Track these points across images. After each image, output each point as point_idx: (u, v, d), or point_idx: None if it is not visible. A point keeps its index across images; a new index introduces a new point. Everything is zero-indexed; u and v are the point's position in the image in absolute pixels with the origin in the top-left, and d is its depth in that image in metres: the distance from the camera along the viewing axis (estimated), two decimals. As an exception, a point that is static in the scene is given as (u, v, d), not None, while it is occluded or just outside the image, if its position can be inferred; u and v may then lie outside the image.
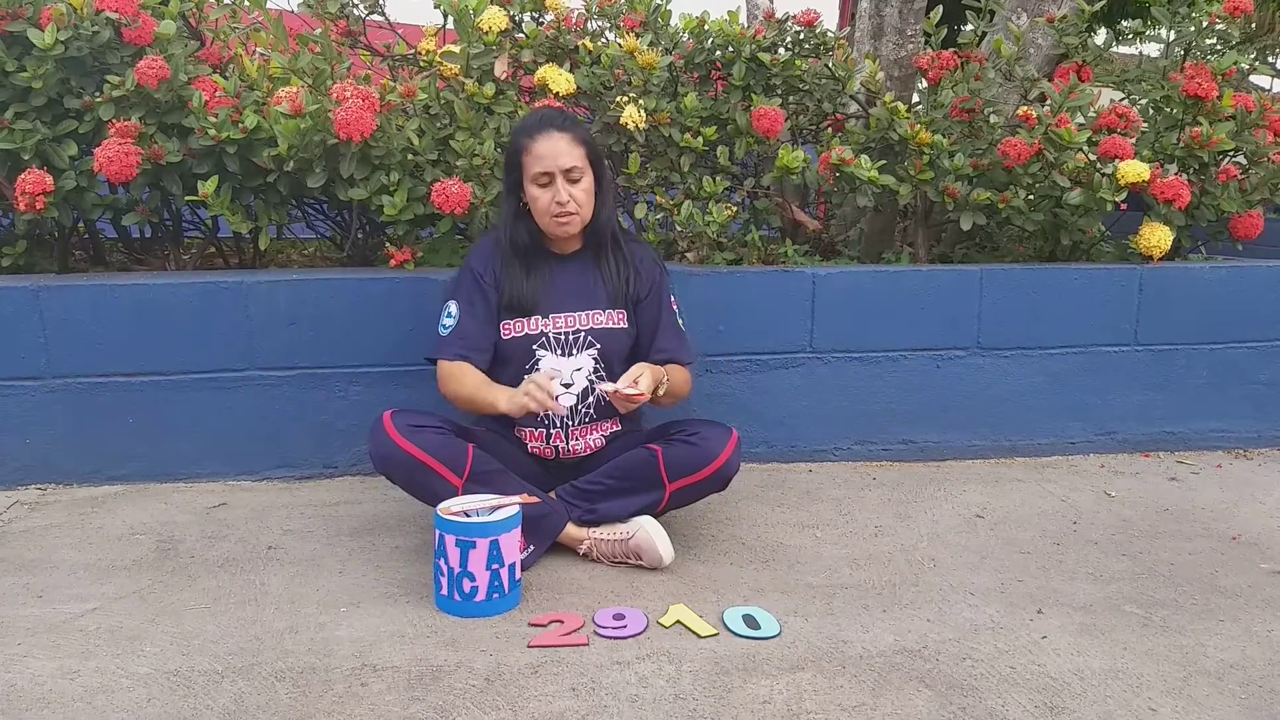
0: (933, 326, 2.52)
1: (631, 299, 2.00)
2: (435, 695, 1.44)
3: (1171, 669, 1.55)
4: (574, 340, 1.95)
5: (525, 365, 1.94)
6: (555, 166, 1.86)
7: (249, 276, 2.32)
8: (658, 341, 2.01)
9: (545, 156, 1.86)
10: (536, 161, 1.86)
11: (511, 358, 1.95)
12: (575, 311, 1.96)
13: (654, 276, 2.03)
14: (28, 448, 2.28)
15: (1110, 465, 2.59)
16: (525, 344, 1.94)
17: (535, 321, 1.94)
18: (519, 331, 1.94)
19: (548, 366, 1.93)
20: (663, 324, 2.02)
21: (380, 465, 1.84)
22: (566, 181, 1.87)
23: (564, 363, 1.94)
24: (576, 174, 1.87)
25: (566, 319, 1.95)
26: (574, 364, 1.94)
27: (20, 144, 2.27)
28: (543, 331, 1.94)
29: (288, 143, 2.22)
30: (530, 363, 1.94)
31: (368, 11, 2.74)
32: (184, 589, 1.79)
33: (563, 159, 1.86)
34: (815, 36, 2.72)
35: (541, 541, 1.89)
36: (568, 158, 1.86)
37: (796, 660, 1.56)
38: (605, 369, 1.97)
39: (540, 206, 1.89)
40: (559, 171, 1.86)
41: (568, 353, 1.95)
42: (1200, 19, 2.96)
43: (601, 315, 1.97)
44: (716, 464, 1.86)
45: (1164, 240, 2.57)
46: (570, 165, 1.86)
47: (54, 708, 1.40)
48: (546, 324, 1.94)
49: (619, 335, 1.98)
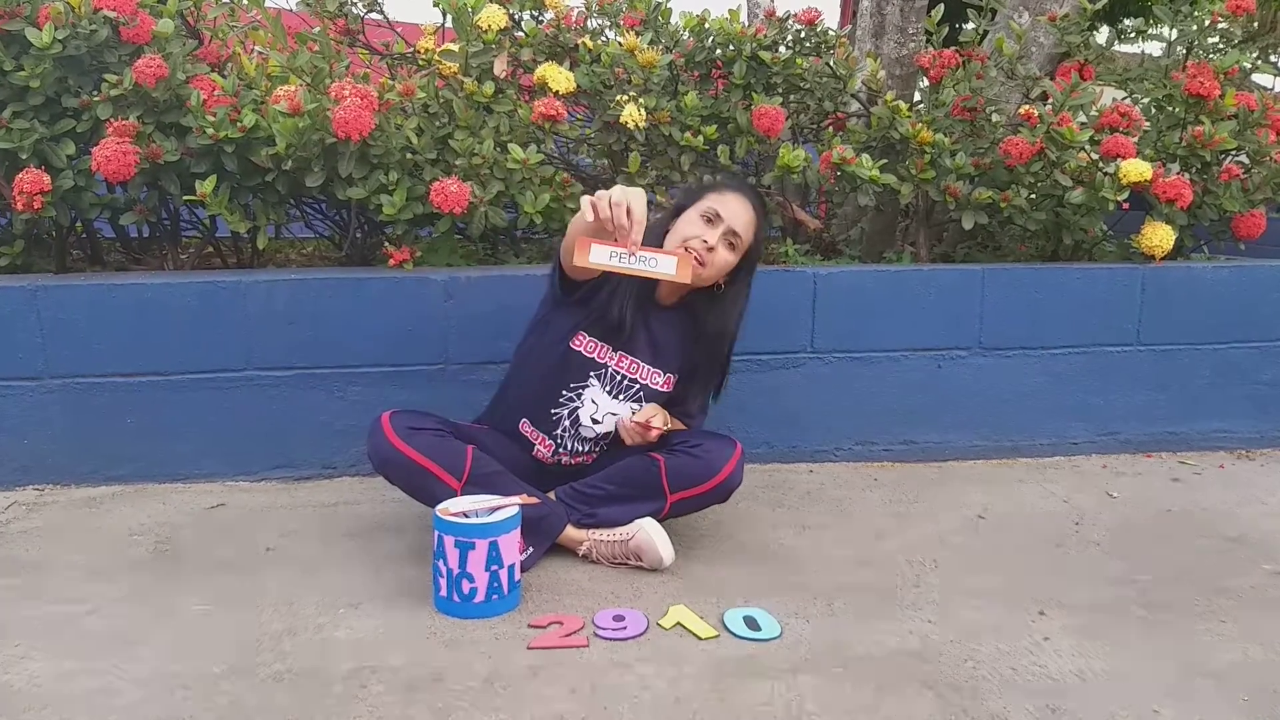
0: (934, 326, 2.52)
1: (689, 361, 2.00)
2: (434, 697, 1.43)
3: (1174, 670, 1.55)
4: (626, 387, 1.95)
5: (573, 382, 1.93)
6: (729, 219, 1.85)
7: (247, 276, 2.31)
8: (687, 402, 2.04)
9: (728, 205, 1.86)
10: (718, 205, 1.86)
11: (566, 367, 1.92)
12: (642, 363, 1.96)
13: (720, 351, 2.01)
14: (25, 448, 2.27)
15: (1112, 466, 2.58)
16: (586, 365, 1.92)
17: (606, 351, 1.93)
18: (588, 352, 1.92)
19: (589, 398, 1.93)
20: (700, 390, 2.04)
21: (379, 467, 1.84)
22: (723, 238, 1.85)
23: (606, 401, 1.94)
24: (734, 242, 1.87)
25: (631, 364, 1.95)
26: (613, 408, 1.94)
27: (18, 143, 2.26)
28: (605, 364, 1.93)
29: (286, 142, 2.21)
30: (580, 384, 1.93)
31: (366, 10, 2.74)
32: (182, 590, 1.78)
33: (737, 221, 1.86)
34: (816, 35, 2.72)
35: (541, 543, 1.89)
36: (741, 225, 1.86)
37: (798, 662, 1.55)
38: None
39: (686, 232, 1.84)
40: (727, 225, 1.85)
41: (616, 395, 1.94)
42: (1202, 18, 2.96)
43: (660, 377, 1.97)
44: (719, 478, 1.86)
45: (1166, 240, 2.56)
46: (739, 232, 1.86)
47: (51, 708, 1.40)
48: (613, 358, 1.93)
49: (660, 397, 1.99)
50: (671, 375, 1.99)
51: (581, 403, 1.93)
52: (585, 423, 1.93)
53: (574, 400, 1.93)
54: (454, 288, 2.33)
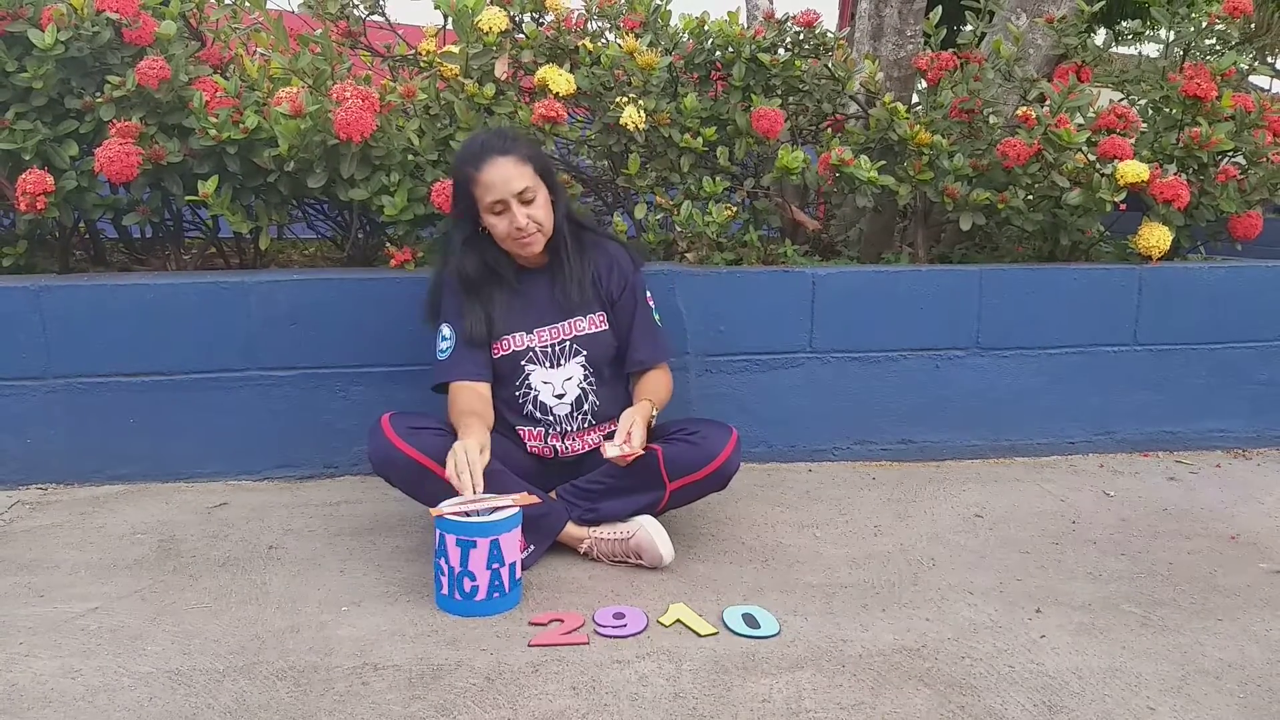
0: (932, 326, 2.53)
1: (606, 298, 2.00)
2: (436, 694, 1.44)
3: (1170, 668, 1.56)
4: (560, 351, 1.97)
5: (516, 381, 1.96)
6: (507, 193, 1.83)
7: (250, 276, 2.32)
8: (633, 349, 2.01)
9: (495, 184, 1.82)
10: (487, 191, 1.83)
11: (503, 375, 1.97)
12: (557, 323, 1.97)
13: (628, 275, 2.02)
14: (29, 448, 2.28)
15: (1109, 465, 2.59)
16: (514, 361, 1.96)
17: (521, 338, 1.96)
18: (507, 349, 1.96)
19: (538, 381, 1.95)
20: (637, 324, 2.01)
21: (379, 467, 1.85)
22: (521, 204, 1.84)
23: (554, 374, 1.96)
24: (529, 194, 1.85)
25: (550, 331, 1.97)
26: (564, 374, 1.96)
27: (21, 144, 2.27)
28: (529, 347, 1.96)
29: (288, 143, 2.22)
30: (520, 377, 1.96)
31: (368, 12, 2.75)
32: (185, 588, 1.79)
33: (513, 183, 1.83)
34: (815, 37, 2.72)
35: (542, 541, 1.90)
36: (518, 180, 1.83)
37: (796, 659, 1.56)
38: (594, 373, 1.99)
39: (500, 233, 1.87)
40: (511, 197, 1.83)
41: (556, 364, 1.96)
42: (1199, 19, 2.96)
43: (583, 321, 1.98)
44: (716, 463, 1.87)
45: (1163, 240, 2.57)
46: (522, 187, 1.84)
47: (55, 707, 1.41)
48: (531, 339, 1.96)
49: (603, 338, 1.99)
50: (598, 314, 1.98)
51: (535, 389, 1.96)
52: (552, 402, 1.95)
53: (530, 391, 1.96)
54: (455, 288, 2.34)
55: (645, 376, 2.02)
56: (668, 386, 2.05)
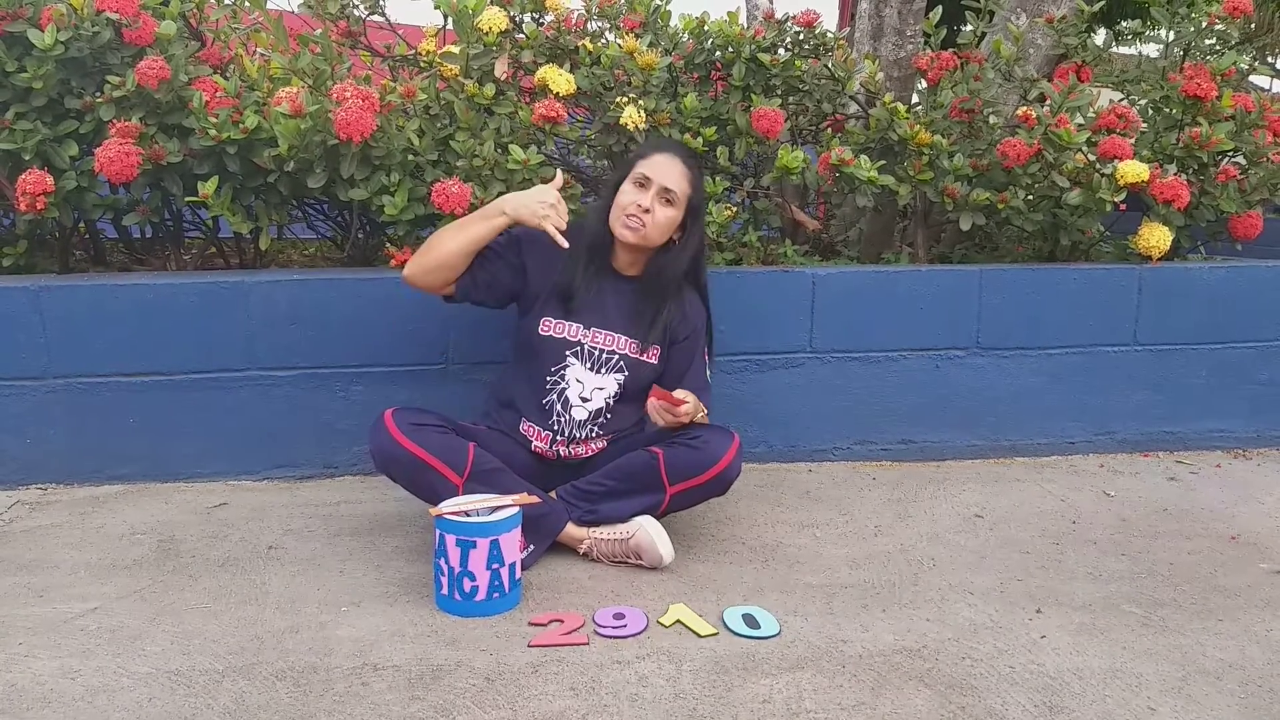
0: (932, 327, 2.53)
1: (670, 337, 2.01)
2: (436, 694, 1.44)
3: (1170, 668, 1.56)
4: (606, 360, 1.97)
5: (553, 366, 1.96)
6: (657, 178, 1.90)
7: (250, 276, 2.32)
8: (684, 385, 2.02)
9: (655, 167, 1.91)
10: (645, 166, 1.92)
11: (542, 354, 1.96)
12: (615, 333, 1.97)
13: (696, 325, 2.04)
14: (28, 447, 2.28)
15: (1109, 465, 2.59)
16: (560, 347, 1.96)
17: (576, 329, 1.96)
18: (558, 333, 1.96)
19: (573, 376, 1.95)
20: (692, 372, 2.04)
21: (381, 464, 1.85)
22: (658, 197, 1.90)
23: (590, 377, 1.96)
24: (670, 198, 1.91)
25: (606, 337, 1.97)
26: (598, 382, 1.96)
27: (21, 144, 2.27)
28: (580, 341, 1.96)
29: (288, 143, 2.22)
30: (559, 365, 1.96)
31: (368, 12, 2.74)
32: (185, 588, 1.79)
33: (668, 178, 1.90)
34: (815, 37, 2.72)
35: (542, 541, 1.90)
36: (672, 180, 1.90)
37: (796, 659, 1.56)
38: (623, 394, 1.99)
39: (622, 201, 1.92)
40: (657, 184, 1.89)
41: (597, 369, 1.96)
42: (1199, 19, 2.96)
43: (638, 346, 1.99)
44: (718, 468, 1.87)
45: (1163, 240, 2.57)
46: (670, 186, 1.90)
47: (55, 707, 1.41)
48: (586, 335, 1.96)
49: (646, 370, 2.00)
50: (652, 346, 1.99)
51: (567, 383, 1.95)
52: (575, 402, 1.95)
53: (560, 382, 1.96)
54: (455, 288, 2.34)
55: None
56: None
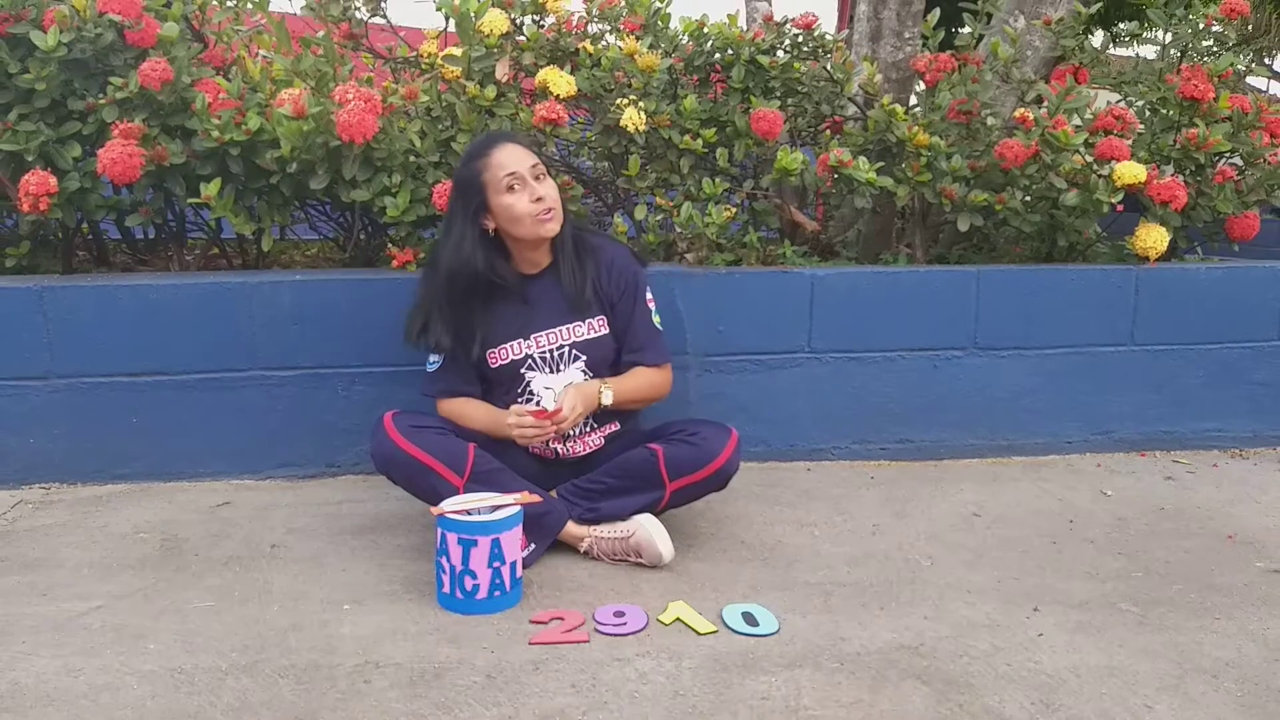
0: (930, 327, 2.54)
1: (606, 301, 1.99)
2: (437, 692, 1.45)
3: (1167, 667, 1.57)
4: (559, 356, 1.97)
5: (516, 388, 1.97)
6: (520, 167, 1.86)
7: (252, 277, 2.33)
8: (626, 347, 2.01)
9: (507, 161, 1.85)
10: (500, 168, 1.85)
11: (503, 382, 1.98)
12: (555, 327, 1.97)
13: (628, 276, 2.01)
14: (32, 447, 2.29)
15: (1107, 464, 2.60)
16: (513, 369, 1.96)
17: (519, 345, 1.96)
18: (505, 358, 1.96)
19: (539, 387, 1.96)
20: (635, 323, 2.00)
21: (381, 466, 1.86)
22: (535, 179, 1.87)
23: (554, 379, 1.96)
24: (539, 171, 1.88)
25: (548, 335, 1.96)
26: (564, 379, 1.96)
27: (24, 145, 2.28)
28: (527, 354, 1.96)
29: (290, 144, 2.23)
30: (520, 385, 1.96)
31: (370, 14, 2.76)
32: (188, 587, 1.80)
33: (524, 160, 1.87)
34: (814, 39, 2.74)
35: (542, 539, 1.91)
36: (528, 159, 1.88)
37: (795, 657, 1.57)
38: (595, 377, 1.98)
39: (519, 211, 1.85)
40: (525, 170, 1.86)
41: (555, 369, 1.97)
42: (1197, 21, 2.98)
43: (582, 326, 1.98)
44: (716, 464, 1.88)
45: (1160, 241, 2.58)
46: (533, 163, 1.88)
47: (58, 705, 1.42)
48: (529, 345, 1.96)
49: (603, 343, 1.99)
50: (598, 317, 1.98)
51: (536, 395, 1.96)
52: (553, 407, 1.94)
53: (531, 398, 1.96)
54: (456, 289, 2.34)
55: (632, 370, 2.00)
56: (651, 384, 2.02)
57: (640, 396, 2.02)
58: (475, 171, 1.87)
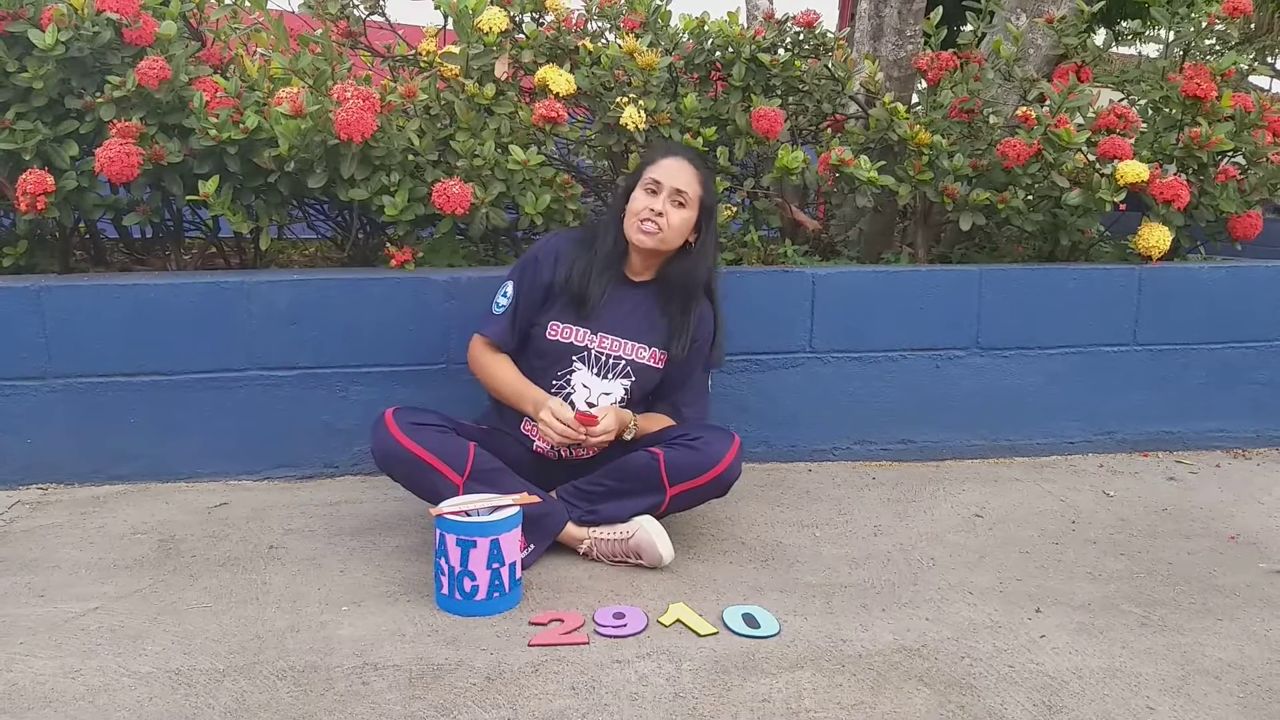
0: (932, 326, 2.53)
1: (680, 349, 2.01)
2: (436, 694, 1.45)
3: (1170, 668, 1.56)
4: (613, 365, 1.97)
5: (559, 370, 1.96)
6: (668, 182, 1.91)
7: (250, 276, 2.33)
8: (682, 394, 2.06)
9: (665, 169, 1.92)
10: (655, 170, 1.93)
11: (548, 356, 1.97)
12: (623, 339, 1.97)
13: (705, 336, 2.04)
14: (29, 447, 2.28)
15: (1109, 465, 2.60)
16: (566, 351, 1.95)
17: (583, 334, 1.96)
18: (565, 338, 1.96)
19: (579, 382, 1.96)
20: (694, 380, 2.06)
21: (382, 463, 1.86)
22: (670, 200, 1.90)
23: (597, 382, 1.96)
24: (682, 200, 1.91)
25: (613, 343, 1.97)
26: (605, 388, 1.96)
27: (21, 144, 2.27)
28: (587, 346, 1.96)
29: (288, 143, 2.22)
30: (565, 370, 1.96)
31: (368, 12, 2.75)
32: (185, 588, 1.80)
33: (678, 180, 1.91)
34: (815, 37, 2.73)
35: (542, 540, 1.90)
36: (683, 182, 1.91)
37: (796, 659, 1.56)
38: (629, 399, 1.99)
39: (634, 207, 1.92)
40: (669, 187, 1.90)
41: (604, 375, 1.96)
42: (1199, 19, 2.97)
43: (645, 351, 1.99)
44: (718, 470, 1.87)
45: (1163, 240, 2.58)
46: (681, 188, 1.91)
47: (55, 706, 1.41)
48: (593, 340, 1.96)
49: (654, 374, 2.01)
50: (659, 350, 2.00)
51: (573, 388, 1.95)
52: (581, 407, 1.95)
53: (565, 387, 1.96)
54: (455, 288, 2.34)
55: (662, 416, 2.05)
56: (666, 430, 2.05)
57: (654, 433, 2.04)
58: (648, 160, 1.97)
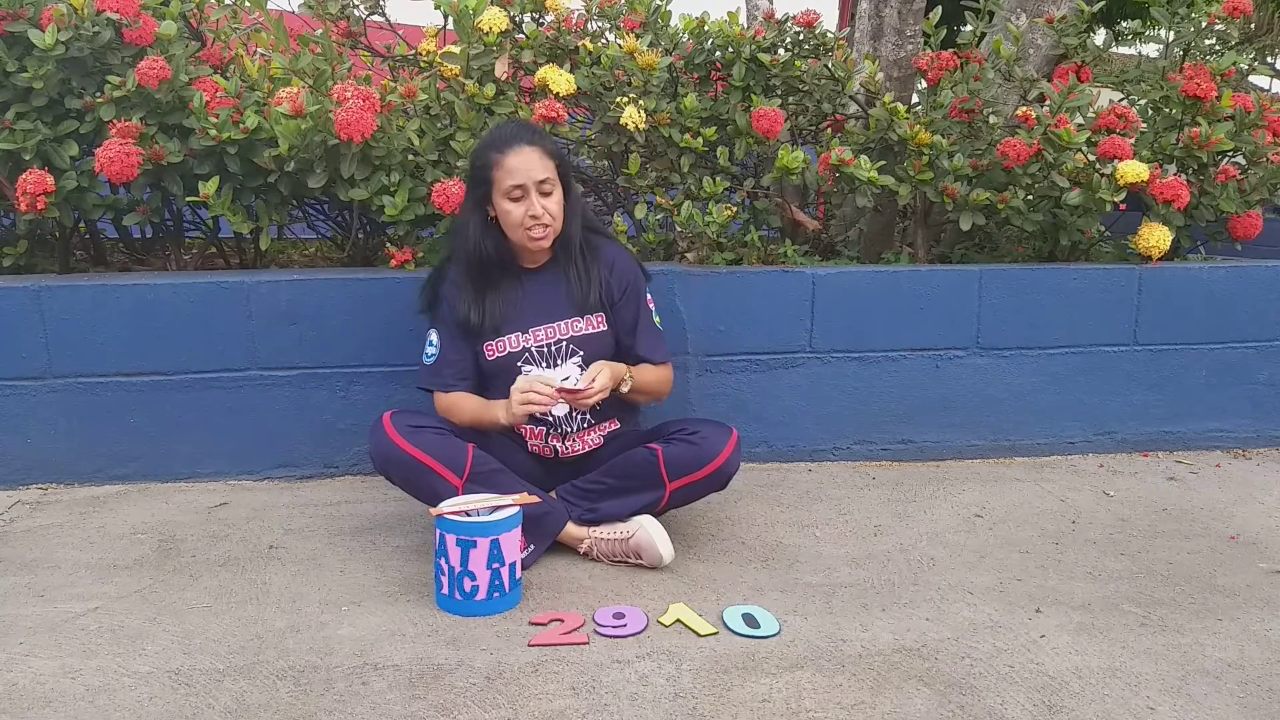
0: (932, 326, 2.53)
1: (607, 300, 2.00)
2: (436, 694, 1.45)
3: (1170, 668, 1.56)
4: (557, 351, 1.96)
5: (511, 381, 1.94)
6: (528, 179, 1.85)
7: (250, 276, 2.33)
8: (635, 347, 2.02)
9: (518, 170, 1.85)
10: (509, 175, 1.85)
11: (498, 375, 1.97)
12: (554, 322, 1.97)
13: (630, 278, 2.02)
14: (29, 447, 2.28)
15: (1109, 465, 2.60)
16: (510, 362, 1.96)
17: (517, 339, 1.96)
18: (502, 350, 1.96)
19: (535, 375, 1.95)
20: (640, 325, 2.03)
21: (380, 466, 1.86)
22: (539, 194, 1.87)
23: (550, 374, 1.95)
24: (548, 186, 1.88)
25: (546, 330, 1.96)
26: (560, 374, 1.95)
27: (21, 144, 2.27)
28: (525, 347, 1.96)
29: (288, 143, 2.22)
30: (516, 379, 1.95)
31: (368, 12, 2.75)
32: (185, 588, 1.80)
33: (535, 172, 1.86)
34: (815, 37, 2.72)
35: (542, 540, 1.90)
36: (540, 170, 1.86)
37: (796, 659, 1.56)
38: None
39: (513, 220, 1.88)
40: (532, 184, 1.86)
41: (552, 364, 1.96)
42: (1199, 19, 2.97)
43: (580, 322, 1.98)
44: (716, 463, 1.87)
45: (1163, 240, 2.57)
46: (543, 178, 1.86)
47: (55, 706, 1.41)
48: (528, 339, 1.96)
49: (600, 339, 1.99)
50: (596, 315, 1.98)
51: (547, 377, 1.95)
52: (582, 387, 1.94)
53: None
54: (455, 288, 2.34)
55: (639, 366, 2.02)
56: (659, 380, 2.05)
57: (650, 391, 2.04)
58: (489, 164, 1.88)
